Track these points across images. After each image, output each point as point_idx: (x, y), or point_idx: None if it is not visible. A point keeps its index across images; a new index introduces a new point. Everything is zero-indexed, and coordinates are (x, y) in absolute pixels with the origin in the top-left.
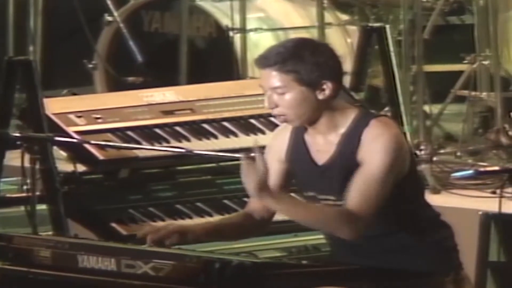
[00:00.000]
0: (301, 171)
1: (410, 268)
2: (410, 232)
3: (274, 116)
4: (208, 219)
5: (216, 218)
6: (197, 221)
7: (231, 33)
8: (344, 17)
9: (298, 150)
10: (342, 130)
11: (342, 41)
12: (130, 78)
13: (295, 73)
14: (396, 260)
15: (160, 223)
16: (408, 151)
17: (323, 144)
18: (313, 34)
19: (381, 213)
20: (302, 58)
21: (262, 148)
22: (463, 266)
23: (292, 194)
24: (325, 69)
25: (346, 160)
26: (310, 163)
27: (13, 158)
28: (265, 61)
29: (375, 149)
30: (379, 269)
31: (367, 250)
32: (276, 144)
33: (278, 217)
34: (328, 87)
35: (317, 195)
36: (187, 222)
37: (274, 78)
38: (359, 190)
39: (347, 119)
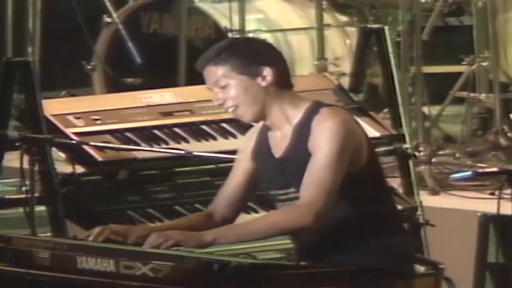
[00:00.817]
0: (263, 168)
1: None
2: (368, 232)
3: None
4: None
5: None
6: None
7: (230, 34)
8: (343, 18)
9: (263, 147)
10: (295, 122)
11: (341, 42)
12: (129, 79)
13: (231, 62)
14: (352, 260)
15: (157, 224)
16: (366, 142)
17: (279, 138)
18: (312, 35)
19: (338, 210)
20: (235, 48)
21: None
22: (415, 275)
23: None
24: (260, 56)
25: (300, 151)
26: (269, 158)
27: (12, 159)
28: (201, 61)
29: (321, 136)
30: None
31: (320, 248)
32: (245, 145)
33: None
34: (268, 73)
35: (278, 190)
36: None
37: (213, 72)
38: (310, 180)
39: (299, 111)
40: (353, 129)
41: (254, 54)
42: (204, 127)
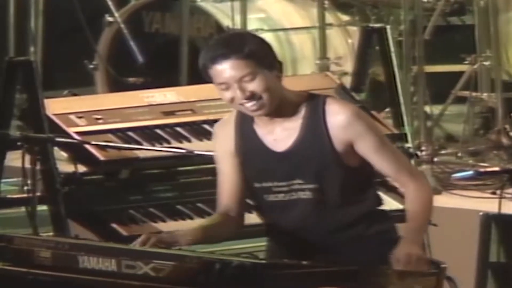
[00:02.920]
0: (256, 162)
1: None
2: (365, 222)
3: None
4: None
5: None
6: (198, 222)
7: None
8: (345, 17)
9: (250, 141)
10: (300, 115)
11: (343, 41)
12: (131, 79)
13: (254, 57)
14: (349, 252)
15: (160, 224)
16: None
17: (280, 132)
18: (314, 34)
19: (339, 205)
20: (251, 43)
21: None
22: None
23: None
24: (271, 50)
25: (312, 143)
26: (267, 152)
27: (14, 158)
28: (223, 54)
29: (359, 129)
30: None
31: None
32: (222, 140)
33: None
34: (279, 66)
35: (277, 182)
36: (187, 223)
37: (239, 67)
38: (386, 162)
39: (301, 105)
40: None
41: (269, 49)
42: (206, 126)
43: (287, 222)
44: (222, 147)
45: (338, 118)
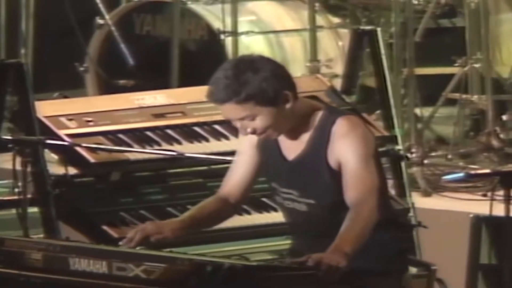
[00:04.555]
0: (270, 163)
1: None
2: (378, 229)
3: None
4: None
5: None
6: None
7: (222, 36)
8: (336, 20)
9: (271, 146)
10: (311, 128)
11: (334, 44)
12: (122, 81)
13: (253, 99)
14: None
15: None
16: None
17: (292, 143)
18: (304, 37)
19: (333, 219)
20: (251, 82)
21: None
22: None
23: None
24: (276, 82)
25: (315, 156)
26: (279, 158)
27: (5, 161)
28: (218, 98)
29: (349, 144)
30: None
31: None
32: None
33: (269, 219)
34: (288, 96)
35: (279, 187)
36: None
37: (237, 110)
38: (351, 184)
39: (314, 118)
40: (370, 133)
41: (272, 83)
42: (196, 128)
43: (290, 221)
44: (249, 137)
45: (338, 131)
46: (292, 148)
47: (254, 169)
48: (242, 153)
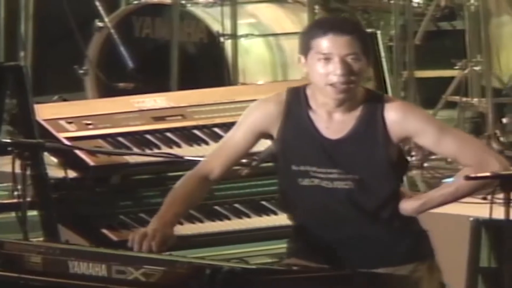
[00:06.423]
0: (301, 145)
1: (392, 256)
2: (397, 218)
3: (332, 85)
4: (198, 225)
5: (207, 224)
6: (187, 227)
7: (222, 39)
8: None
9: (300, 124)
10: (357, 109)
11: None
12: (121, 84)
13: (363, 42)
14: (380, 249)
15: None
16: None
17: (336, 121)
18: None
19: (378, 198)
20: (363, 31)
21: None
22: (435, 253)
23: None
24: (370, 44)
25: (363, 137)
26: (317, 137)
27: (4, 164)
28: (342, 29)
29: (416, 120)
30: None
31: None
32: (258, 115)
33: (269, 223)
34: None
35: (317, 168)
36: (177, 228)
37: (351, 44)
38: (456, 146)
39: (358, 100)
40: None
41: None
42: (196, 131)
43: (316, 208)
44: (253, 121)
45: (396, 114)
46: (334, 129)
47: (242, 153)
48: (235, 136)
